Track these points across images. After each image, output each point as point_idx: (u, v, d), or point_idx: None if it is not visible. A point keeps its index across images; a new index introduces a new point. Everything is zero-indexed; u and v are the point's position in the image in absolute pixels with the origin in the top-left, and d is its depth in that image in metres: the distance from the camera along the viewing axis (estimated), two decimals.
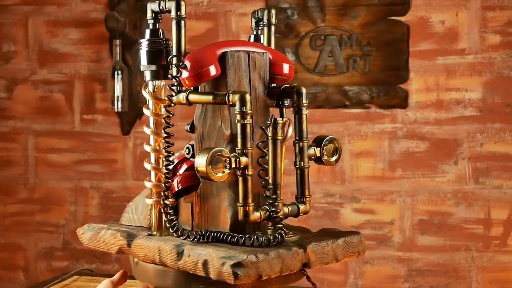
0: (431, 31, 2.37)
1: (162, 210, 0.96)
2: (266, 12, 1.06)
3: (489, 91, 2.34)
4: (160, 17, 0.96)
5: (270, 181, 0.94)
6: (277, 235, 0.92)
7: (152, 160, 0.99)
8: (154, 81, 0.96)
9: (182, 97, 0.94)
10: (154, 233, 0.98)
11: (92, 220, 2.60)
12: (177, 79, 0.94)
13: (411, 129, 2.39)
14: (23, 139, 2.68)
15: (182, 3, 0.93)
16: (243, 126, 0.90)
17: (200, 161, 0.89)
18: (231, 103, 0.91)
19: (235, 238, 0.91)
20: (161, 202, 0.95)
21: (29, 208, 2.69)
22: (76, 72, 2.63)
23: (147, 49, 0.96)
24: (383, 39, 2.40)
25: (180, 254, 0.90)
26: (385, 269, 2.43)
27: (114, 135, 2.61)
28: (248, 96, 0.90)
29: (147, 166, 0.98)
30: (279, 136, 0.94)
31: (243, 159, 0.91)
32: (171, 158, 0.98)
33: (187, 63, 0.93)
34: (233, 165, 0.90)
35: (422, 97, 2.38)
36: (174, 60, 0.93)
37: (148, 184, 0.98)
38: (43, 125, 2.67)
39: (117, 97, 2.49)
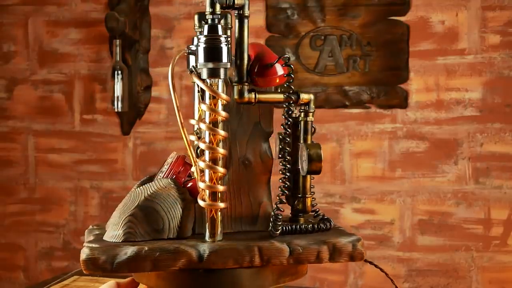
0: (431, 31, 2.37)
1: (272, 212, 0.93)
2: (223, 18, 1.00)
3: (489, 91, 2.34)
4: (220, 13, 0.91)
5: None
6: (330, 221, 0.99)
7: (207, 157, 0.91)
8: (212, 79, 0.91)
9: (250, 96, 0.94)
10: (209, 240, 0.91)
11: (92, 220, 2.60)
12: (250, 79, 0.94)
13: (411, 129, 2.39)
14: (23, 139, 2.68)
15: (247, 1, 0.93)
16: (306, 124, 0.97)
17: (317, 157, 0.93)
18: (302, 102, 0.96)
19: (310, 226, 0.96)
20: (275, 205, 0.93)
21: (29, 208, 2.69)
22: (76, 72, 2.63)
23: (204, 45, 0.89)
24: (383, 39, 2.40)
25: (292, 249, 0.91)
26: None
27: (114, 135, 2.61)
28: (313, 96, 0.98)
29: (201, 164, 0.90)
30: None
31: None
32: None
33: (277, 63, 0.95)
34: None
35: (422, 97, 2.38)
36: (288, 60, 0.95)
37: (202, 185, 0.90)
38: (43, 125, 2.66)
39: (117, 97, 2.49)
